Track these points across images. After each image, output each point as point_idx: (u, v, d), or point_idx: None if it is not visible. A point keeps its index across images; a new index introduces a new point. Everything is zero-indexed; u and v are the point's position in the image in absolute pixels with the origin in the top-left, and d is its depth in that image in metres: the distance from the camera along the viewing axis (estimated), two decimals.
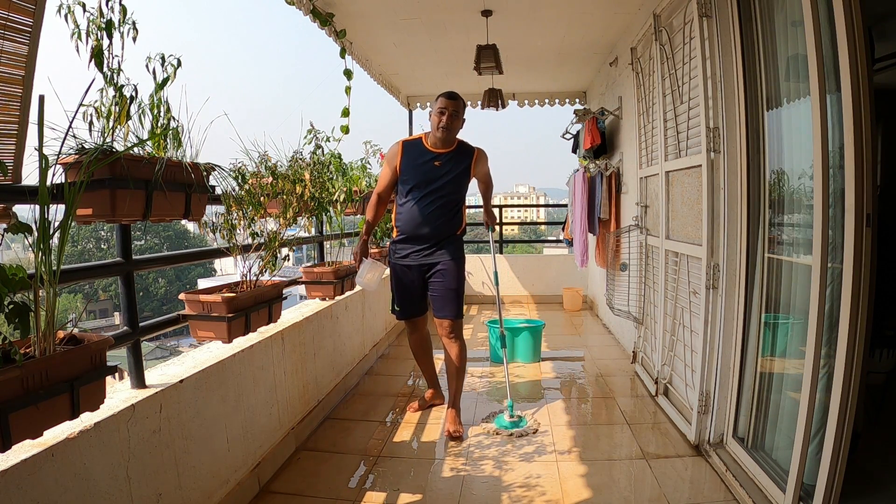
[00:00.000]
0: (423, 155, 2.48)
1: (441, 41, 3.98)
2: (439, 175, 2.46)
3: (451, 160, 2.49)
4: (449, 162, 2.49)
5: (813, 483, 1.54)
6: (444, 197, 2.48)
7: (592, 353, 3.91)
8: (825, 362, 1.53)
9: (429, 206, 2.47)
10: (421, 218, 2.47)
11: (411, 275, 2.58)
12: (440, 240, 2.52)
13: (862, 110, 1.36)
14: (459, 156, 2.51)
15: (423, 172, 2.47)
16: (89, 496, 1.25)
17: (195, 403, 1.69)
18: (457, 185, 2.51)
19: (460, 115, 2.47)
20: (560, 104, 5.85)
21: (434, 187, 2.46)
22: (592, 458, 2.26)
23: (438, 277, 2.54)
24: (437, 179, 2.46)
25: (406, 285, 2.61)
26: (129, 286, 1.61)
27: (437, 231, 2.50)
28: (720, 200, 2.18)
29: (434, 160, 2.47)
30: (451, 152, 2.50)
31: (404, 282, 2.61)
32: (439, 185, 2.46)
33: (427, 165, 2.47)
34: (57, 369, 1.09)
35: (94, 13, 1.36)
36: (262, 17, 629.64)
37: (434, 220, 2.48)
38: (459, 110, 2.46)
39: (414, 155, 2.49)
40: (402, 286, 2.62)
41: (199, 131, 1.62)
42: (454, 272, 2.54)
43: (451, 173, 2.48)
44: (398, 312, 2.68)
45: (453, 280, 2.54)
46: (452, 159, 2.49)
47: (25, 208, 1.16)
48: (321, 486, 2.07)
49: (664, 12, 2.72)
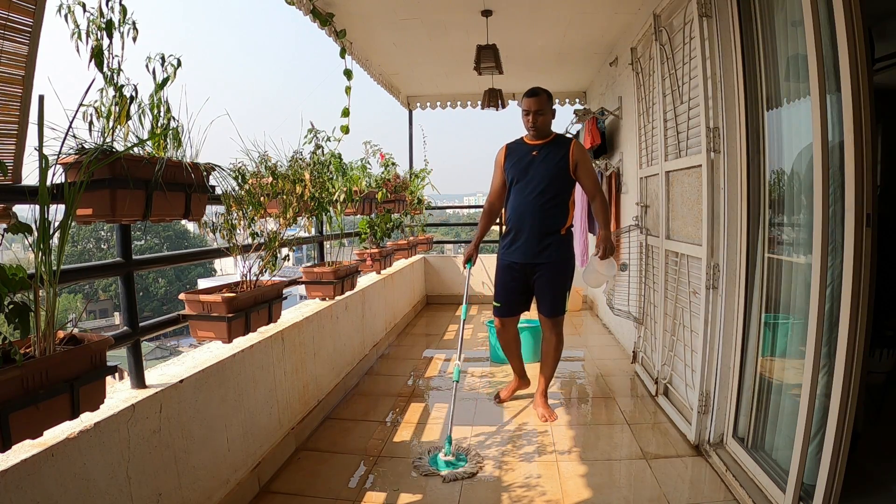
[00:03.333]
0: (524, 150, 2.63)
1: (441, 41, 3.98)
2: (536, 164, 2.58)
3: (547, 149, 2.59)
4: (544, 151, 2.59)
5: (813, 483, 1.53)
6: (541, 185, 2.55)
7: (592, 353, 3.91)
8: (825, 362, 1.53)
9: (529, 196, 2.56)
10: (523, 208, 2.57)
11: (515, 273, 2.66)
12: (544, 235, 2.58)
13: (862, 110, 1.36)
14: (555, 146, 2.60)
15: (524, 165, 2.60)
16: (89, 496, 1.25)
17: (195, 403, 1.69)
18: (554, 174, 2.56)
19: (546, 109, 2.56)
20: (560, 104, 5.85)
21: (531, 175, 2.57)
22: (592, 458, 2.26)
23: (543, 277, 2.62)
24: (535, 168, 2.57)
25: (508, 282, 2.69)
26: (129, 286, 1.61)
27: (540, 224, 2.57)
28: (720, 200, 2.18)
29: (531, 151, 2.61)
30: (547, 143, 2.61)
31: (507, 279, 2.69)
32: (536, 174, 2.56)
33: (526, 158, 2.60)
34: (57, 369, 1.09)
35: (94, 13, 1.36)
36: (261, 16, 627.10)
37: (535, 212, 2.56)
38: (543, 106, 2.55)
39: (517, 153, 2.65)
40: (505, 283, 2.70)
41: (199, 131, 1.62)
42: (559, 272, 2.64)
43: (546, 161, 2.56)
44: (497, 308, 2.75)
45: (557, 280, 2.64)
46: (549, 149, 2.59)
47: (25, 208, 1.16)
48: (321, 486, 2.07)
49: (664, 12, 2.71)
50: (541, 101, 2.54)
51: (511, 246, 2.65)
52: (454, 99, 5.86)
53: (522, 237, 2.61)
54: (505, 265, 2.69)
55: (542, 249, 2.59)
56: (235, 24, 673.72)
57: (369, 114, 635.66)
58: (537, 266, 2.62)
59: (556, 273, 2.63)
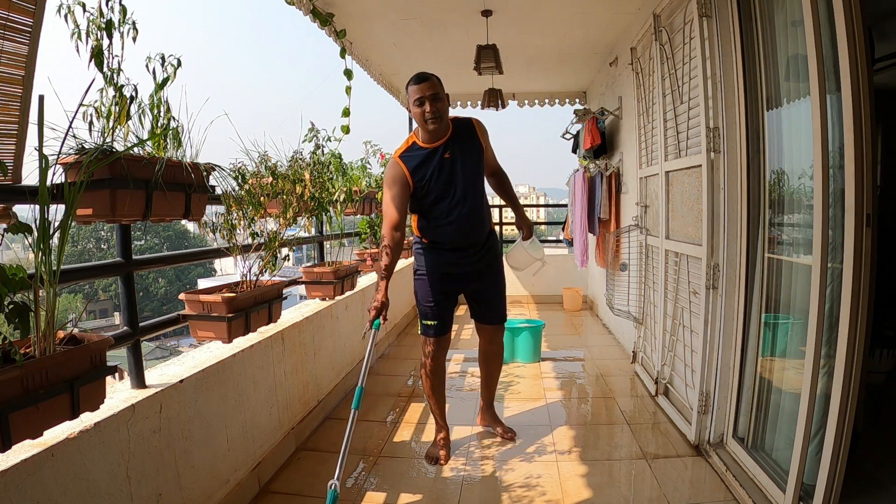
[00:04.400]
0: (429, 156, 2.09)
1: (441, 41, 3.98)
2: (455, 168, 2.10)
3: (456, 144, 2.11)
4: (454, 147, 2.10)
5: (813, 483, 1.53)
6: (469, 191, 2.12)
7: (592, 353, 3.91)
8: (825, 362, 1.53)
9: (462, 209, 2.12)
10: (459, 223, 2.13)
11: (453, 282, 2.26)
12: (485, 239, 2.26)
13: (862, 110, 1.36)
14: (461, 136, 2.13)
15: (443, 175, 2.09)
16: (89, 496, 1.24)
17: (195, 403, 1.69)
18: (475, 169, 2.15)
19: (441, 93, 2.03)
20: (560, 104, 5.85)
21: (456, 184, 2.10)
22: (592, 458, 2.26)
23: (488, 282, 2.29)
24: (456, 174, 2.10)
25: (443, 294, 2.26)
26: (129, 286, 1.61)
27: (480, 229, 2.22)
28: (720, 200, 2.18)
29: (442, 154, 2.09)
30: (452, 136, 2.11)
31: (446, 290, 2.26)
32: (460, 181, 2.11)
33: (438, 165, 2.09)
34: (57, 369, 1.09)
35: (94, 13, 1.36)
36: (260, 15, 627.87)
37: (473, 222, 2.17)
38: (438, 89, 2.02)
39: (423, 163, 2.09)
40: (443, 296, 2.26)
41: (199, 131, 1.62)
42: (500, 272, 2.34)
43: (463, 160, 2.11)
44: (430, 327, 2.25)
45: (501, 281, 2.35)
46: (457, 143, 2.11)
47: (25, 208, 1.16)
48: (321, 486, 2.06)
49: (664, 12, 2.72)
50: (433, 84, 2.01)
51: (446, 256, 2.22)
52: (454, 99, 5.86)
53: (462, 250, 2.21)
54: (439, 276, 2.23)
55: (485, 253, 2.26)
56: (235, 24, 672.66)
57: (369, 114, 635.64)
58: (483, 272, 2.27)
59: (499, 273, 2.34)
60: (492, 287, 2.32)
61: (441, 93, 2.04)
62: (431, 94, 2.00)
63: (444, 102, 2.06)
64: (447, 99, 2.10)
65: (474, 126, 2.17)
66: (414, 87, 2.02)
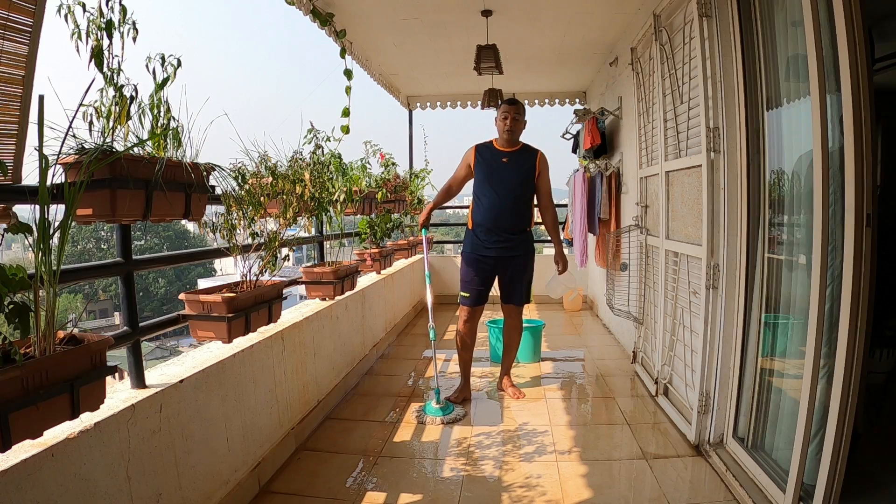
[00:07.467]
0: (494, 154, 2.84)
1: (441, 41, 3.98)
2: (507, 169, 2.80)
3: (516, 157, 2.83)
4: (513, 158, 2.82)
5: (813, 483, 1.54)
6: (512, 187, 2.78)
7: (592, 353, 3.91)
8: (825, 362, 1.53)
9: (502, 197, 2.77)
10: (497, 208, 2.78)
11: (486, 267, 2.85)
12: (515, 232, 2.82)
13: (862, 110, 1.36)
14: (523, 155, 2.84)
15: (494, 169, 2.81)
16: (89, 496, 1.25)
17: (195, 403, 1.69)
18: (523, 178, 2.80)
19: (521, 117, 2.81)
20: (560, 104, 5.85)
21: (504, 179, 2.78)
22: (592, 458, 2.26)
23: (516, 269, 2.86)
24: (506, 173, 2.79)
25: (478, 275, 2.86)
26: (129, 286, 1.61)
27: (512, 222, 2.80)
28: (720, 200, 2.18)
29: (502, 157, 2.82)
30: (516, 151, 2.84)
31: (477, 272, 2.86)
32: (509, 178, 2.78)
33: (496, 163, 2.82)
34: (57, 369, 1.09)
35: (94, 13, 1.36)
36: (259, 15, 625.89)
37: (508, 212, 2.78)
38: (520, 114, 2.80)
39: (487, 156, 2.85)
40: (475, 276, 2.87)
41: (199, 131, 1.62)
42: (528, 264, 2.91)
43: (516, 168, 2.80)
44: (466, 298, 2.90)
45: (527, 271, 2.91)
46: (517, 157, 2.83)
47: (25, 208, 1.16)
48: (321, 486, 2.07)
49: (664, 12, 2.72)
50: (518, 108, 2.79)
51: (484, 242, 2.83)
52: (454, 99, 5.86)
53: (496, 234, 2.80)
54: (475, 259, 2.86)
55: (516, 244, 2.83)
56: (234, 25, 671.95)
57: (369, 114, 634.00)
58: (511, 259, 2.83)
59: (527, 264, 2.90)
60: (518, 276, 2.88)
61: (521, 118, 2.81)
62: (514, 114, 2.77)
63: (521, 125, 2.82)
64: (524, 124, 2.85)
65: (537, 155, 2.85)
66: (505, 106, 2.80)
